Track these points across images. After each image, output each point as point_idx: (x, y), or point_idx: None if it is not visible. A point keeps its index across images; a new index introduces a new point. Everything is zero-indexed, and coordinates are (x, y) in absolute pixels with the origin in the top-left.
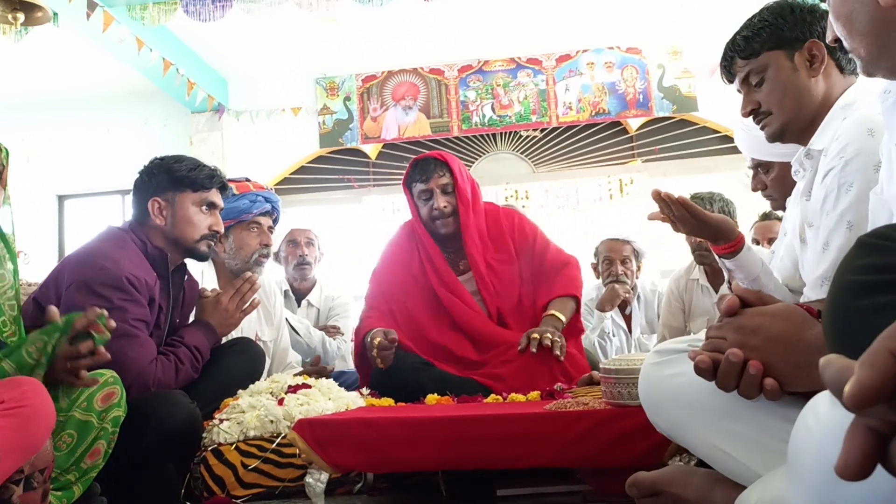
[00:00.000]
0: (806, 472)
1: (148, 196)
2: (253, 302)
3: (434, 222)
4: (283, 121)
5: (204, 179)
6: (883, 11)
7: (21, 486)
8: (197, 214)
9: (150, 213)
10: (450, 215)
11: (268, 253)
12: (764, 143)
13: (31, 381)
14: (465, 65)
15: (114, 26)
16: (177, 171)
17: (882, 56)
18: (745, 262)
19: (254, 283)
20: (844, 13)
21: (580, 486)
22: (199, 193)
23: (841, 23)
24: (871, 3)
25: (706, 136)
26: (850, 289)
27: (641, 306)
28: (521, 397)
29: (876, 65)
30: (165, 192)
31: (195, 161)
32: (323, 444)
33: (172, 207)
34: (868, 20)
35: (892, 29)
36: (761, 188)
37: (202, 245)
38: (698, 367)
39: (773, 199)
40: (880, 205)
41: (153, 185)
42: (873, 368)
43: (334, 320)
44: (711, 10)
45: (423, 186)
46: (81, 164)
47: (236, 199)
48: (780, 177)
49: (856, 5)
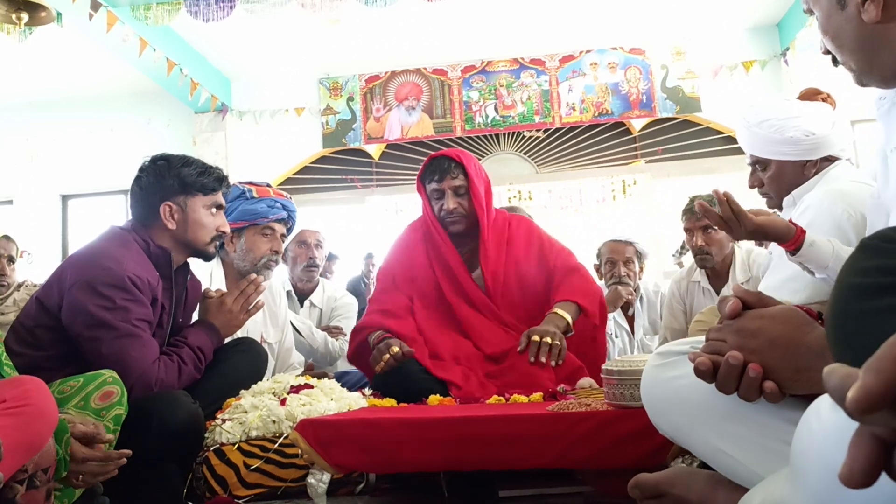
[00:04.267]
0: (809, 475)
1: (158, 199)
2: (257, 304)
3: (444, 221)
4: (287, 121)
5: (213, 182)
6: (867, 28)
7: (24, 485)
8: (207, 217)
9: (161, 216)
10: (460, 216)
11: (277, 259)
12: (764, 140)
13: (33, 380)
14: (469, 65)
15: (117, 26)
16: (187, 175)
17: (873, 69)
18: (810, 256)
19: (258, 284)
20: (831, 31)
21: (582, 487)
22: (209, 197)
23: (829, 38)
24: (856, 21)
25: (709, 136)
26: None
27: (644, 307)
28: (524, 398)
29: (868, 77)
30: (177, 196)
31: (202, 164)
32: (325, 444)
33: (184, 212)
34: (854, 37)
35: (878, 44)
36: (758, 185)
37: (211, 246)
38: (698, 369)
39: (769, 197)
40: (878, 208)
41: (163, 188)
42: (879, 374)
43: (337, 321)
44: (715, 10)
45: (435, 186)
46: (85, 164)
47: (254, 202)
48: (777, 175)
49: (842, 23)
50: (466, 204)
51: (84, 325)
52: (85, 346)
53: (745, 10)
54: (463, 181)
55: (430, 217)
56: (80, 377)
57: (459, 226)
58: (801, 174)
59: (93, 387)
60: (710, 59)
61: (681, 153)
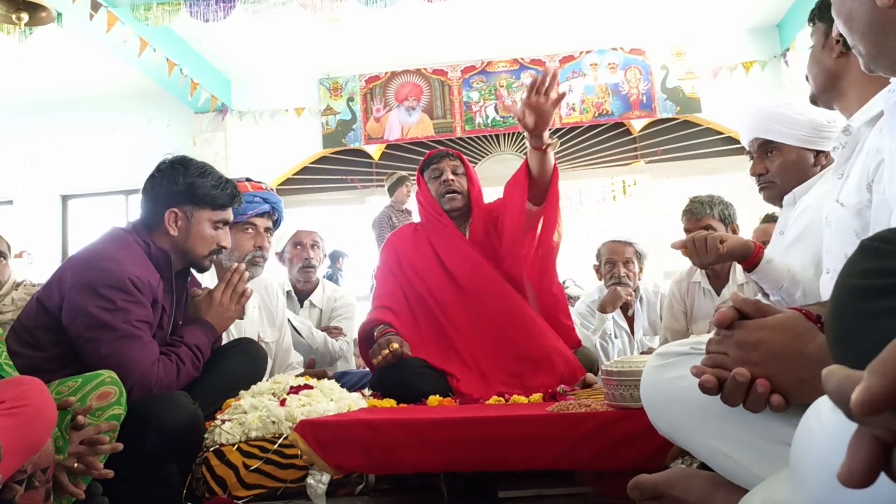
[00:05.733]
0: (808, 476)
1: (166, 204)
2: (246, 292)
3: (443, 198)
4: (287, 121)
5: (225, 199)
6: (880, 12)
7: (23, 485)
8: (210, 231)
9: (165, 221)
10: (457, 192)
11: (263, 255)
12: (784, 120)
13: (32, 380)
14: (469, 65)
15: (117, 27)
16: (200, 186)
17: (880, 54)
18: (765, 274)
19: (242, 272)
20: (844, 12)
21: (582, 488)
22: (217, 212)
23: (842, 20)
24: (869, 4)
25: (710, 137)
26: (852, 293)
27: (644, 308)
28: (524, 399)
29: (875, 62)
30: (184, 204)
31: (219, 177)
32: (324, 445)
33: (189, 222)
34: (866, 20)
35: (888, 29)
36: (762, 172)
37: (207, 260)
38: (704, 387)
39: (771, 186)
40: (882, 204)
41: (173, 194)
42: (884, 376)
43: (337, 321)
44: (715, 11)
45: (434, 165)
46: (85, 165)
47: None
48: (787, 162)
49: (854, 5)
50: (464, 182)
51: (84, 327)
52: (85, 347)
53: (745, 11)
54: (460, 165)
55: (429, 200)
56: (79, 378)
57: (456, 202)
58: (810, 167)
59: (91, 387)
60: (711, 60)
61: (681, 154)
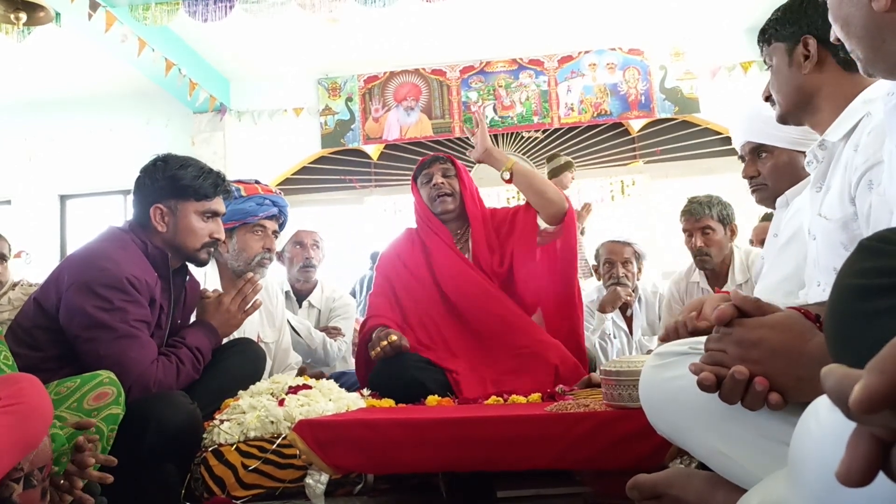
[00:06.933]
0: (807, 475)
1: (150, 201)
2: (255, 303)
3: (434, 202)
4: (285, 121)
5: (208, 188)
6: (877, 16)
7: (21, 483)
8: (198, 223)
9: (151, 218)
10: (448, 194)
11: (271, 257)
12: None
13: (28, 377)
14: (467, 66)
15: (116, 26)
16: (181, 178)
17: (878, 58)
18: None
19: (255, 283)
20: (841, 16)
21: (581, 488)
22: (201, 203)
23: (838, 25)
24: (866, 8)
25: (708, 137)
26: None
27: (642, 308)
28: (522, 399)
29: (873, 66)
30: (168, 199)
31: (200, 167)
32: (323, 445)
33: (174, 216)
34: (862, 25)
35: (885, 33)
36: (754, 175)
37: (202, 253)
38: (702, 384)
39: (763, 188)
40: (882, 204)
41: (156, 190)
42: (883, 375)
43: (335, 321)
44: (713, 11)
45: (426, 171)
46: (83, 164)
47: (243, 201)
48: (779, 165)
49: (851, 9)
50: (456, 184)
51: (82, 327)
52: (83, 348)
53: (743, 11)
54: (451, 167)
55: (422, 207)
56: (77, 378)
57: (447, 204)
58: (802, 169)
59: (89, 388)
60: (709, 60)
61: (679, 154)
